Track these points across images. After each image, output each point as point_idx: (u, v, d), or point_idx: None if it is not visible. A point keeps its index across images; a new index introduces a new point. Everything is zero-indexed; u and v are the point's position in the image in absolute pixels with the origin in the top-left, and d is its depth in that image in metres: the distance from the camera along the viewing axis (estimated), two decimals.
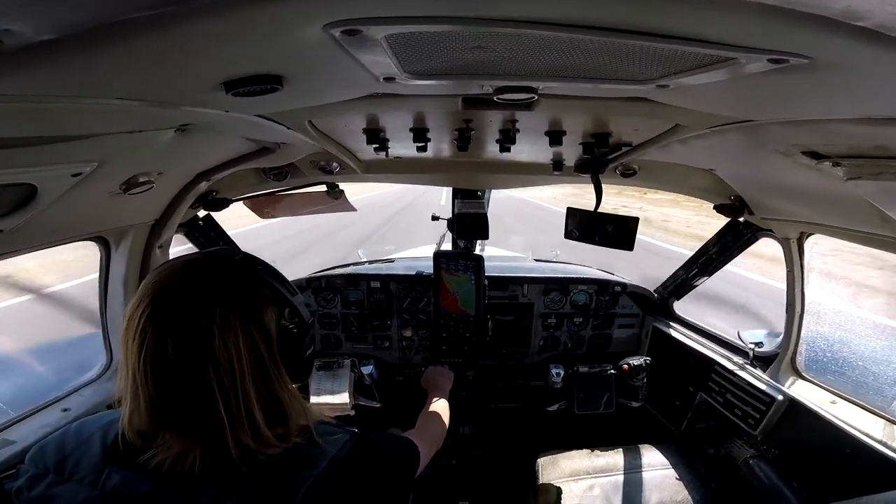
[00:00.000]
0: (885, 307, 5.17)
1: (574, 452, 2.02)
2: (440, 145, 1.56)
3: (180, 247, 1.67)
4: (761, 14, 0.42)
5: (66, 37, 0.44)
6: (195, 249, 1.97)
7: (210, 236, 2.05)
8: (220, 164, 1.50)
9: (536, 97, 0.87)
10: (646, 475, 1.89)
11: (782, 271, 1.71)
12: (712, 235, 2.07)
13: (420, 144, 1.36)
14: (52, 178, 0.94)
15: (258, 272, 0.77)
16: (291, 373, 0.79)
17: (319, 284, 2.44)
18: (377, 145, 1.37)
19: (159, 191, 1.39)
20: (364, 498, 0.76)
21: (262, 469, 0.70)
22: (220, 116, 0.91)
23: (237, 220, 2.01)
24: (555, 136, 1.27)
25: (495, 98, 0.87)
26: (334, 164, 1.78)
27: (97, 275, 1.60)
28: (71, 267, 6.31)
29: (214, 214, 1.99)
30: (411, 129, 1.28)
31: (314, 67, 0.69)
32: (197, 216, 1.96)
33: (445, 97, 0.98)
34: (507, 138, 1.31)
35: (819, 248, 1.65)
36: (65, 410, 1.44)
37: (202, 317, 0.67)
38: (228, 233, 2.14)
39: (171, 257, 1.72)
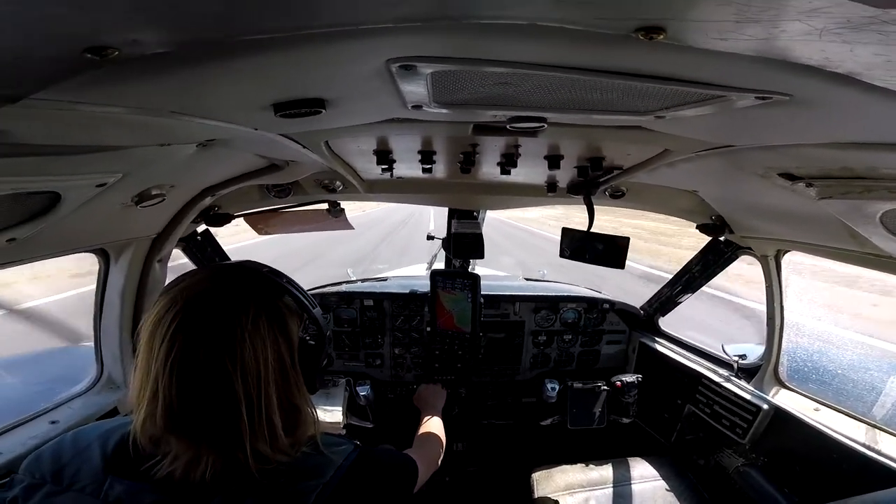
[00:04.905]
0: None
1: (567, 466, 2.04)
2: (443, 167, 1.62)
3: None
4: (754, 62, 0.50)
5: (170, 52, 0.46)
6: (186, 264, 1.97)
7: (207, 251, 2.04)
8: (228, 180, 1.53)
9: (545, 126, 0.94)
10: (640, 487, 1.93)
11: None
12: (695, 254, 2.18)
13: (426, 166, 1.42)
14: (76, 188, 0.96)
15: (284, 283, 0.81)
16: (307, 383, 0.82)
17: None
18: (385, 166, 1.43)
19: (165, 204, 1.40)
20: None
21: (272, 477, 0.71)
22: (247, 133, 0.95)
23: (226, 239, 2.02)
24: (553, 160, 1.35)
25: (508, 126, 0.94)
26: (338, 182, 1.83)
27: None
28: None
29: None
30: (419, 152, 1.34)
31: (357, 94, 0.74)
32: (195, 231, 1.96)
33: (458, 123, 1.05)
34: (509, 161, 1.38)
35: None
36: (53, 423, 1.41)
37: (235, 322, 0.69)
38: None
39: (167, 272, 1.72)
